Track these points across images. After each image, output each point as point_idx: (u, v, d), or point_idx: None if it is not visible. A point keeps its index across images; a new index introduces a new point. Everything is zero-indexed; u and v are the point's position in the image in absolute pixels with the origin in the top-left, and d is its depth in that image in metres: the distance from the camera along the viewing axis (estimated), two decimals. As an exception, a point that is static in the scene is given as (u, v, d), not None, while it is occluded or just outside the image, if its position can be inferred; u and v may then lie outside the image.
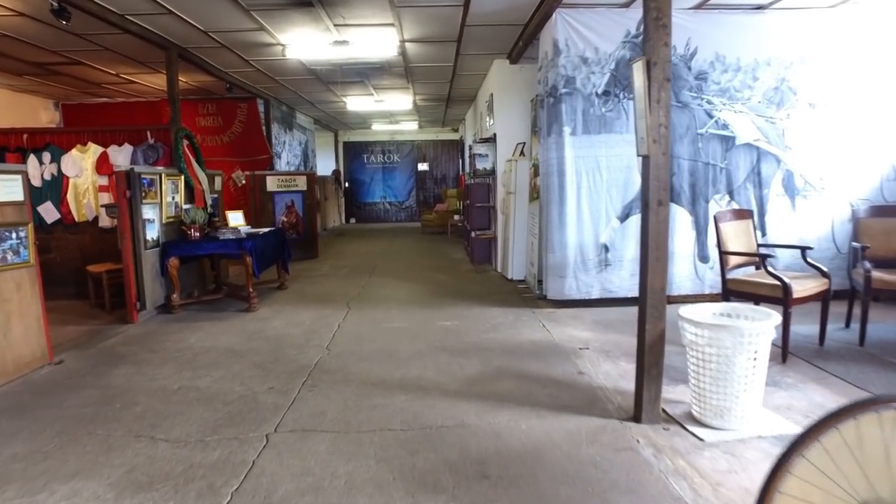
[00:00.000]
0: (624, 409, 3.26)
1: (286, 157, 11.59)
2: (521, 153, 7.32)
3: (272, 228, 6.80)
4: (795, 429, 2.59)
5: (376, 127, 16.07)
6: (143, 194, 5.51)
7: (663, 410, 3.16)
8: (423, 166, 18.01)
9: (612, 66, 5.53)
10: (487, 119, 8.87)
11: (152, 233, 5.68)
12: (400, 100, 11.03)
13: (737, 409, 2.90)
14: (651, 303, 3.04)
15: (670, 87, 2.96)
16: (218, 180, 7.70)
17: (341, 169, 17.86)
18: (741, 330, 2.82)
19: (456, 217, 12.86)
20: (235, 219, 6.11)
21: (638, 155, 3.07)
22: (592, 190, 5.63)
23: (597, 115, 5.58)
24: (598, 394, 3.51)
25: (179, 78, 8.36)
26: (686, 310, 3.12)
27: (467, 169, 13.57)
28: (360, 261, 9.54)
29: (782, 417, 3.06)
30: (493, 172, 7.93)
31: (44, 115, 9.70)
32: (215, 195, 7.49)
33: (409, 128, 16.55)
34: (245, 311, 5.92)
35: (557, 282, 5.71)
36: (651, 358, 3.04)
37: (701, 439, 2.85)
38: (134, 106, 10.07)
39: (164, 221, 5.90)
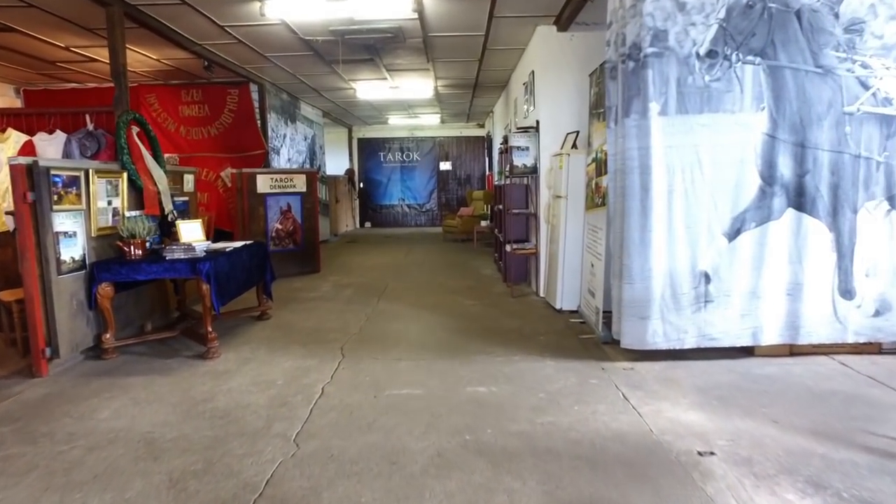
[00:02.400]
0: None
1: (287, 152, 10.03)
2: (574, 145, 5.62)
3: (248, 243, 5.21)
4: None
5: (394, 121, 14.48)
6: (57, 198, 3.95)
7: None
8: (445, 165, 16.37)
9: (722, 13, 3.80)
10: (525, 106, 7.18)
11: (73, 251, 4.12)
12: (419, 85, 9.39)
13: None
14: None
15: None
16: (189, 179, 6.13)
17: (356, 168, 16.31)
18: None
19: (483, 223, 11.18)
20: (190, 232, 4.52)
21: None
22: (689, 195, 3.91)
23: (697, 87, 3.86)
24: None
25: (150, 55, 6.89)
26: None
27: (495, 167, 11.90)
28: (369, 277, 7.91)
29: None
30: (534, 171, 6.23)
31: (2, 101, 8.29)
32: (184, 198, 5.93)
33: (429, 122, 14.92)
34: (202, 357, 4.34)
35: (636, 324, 4.00)
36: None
37: None
38: (107, 92, 8.56)
39: (93, 234, 4.34)
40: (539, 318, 5.41)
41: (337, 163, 15.70)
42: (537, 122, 6.20)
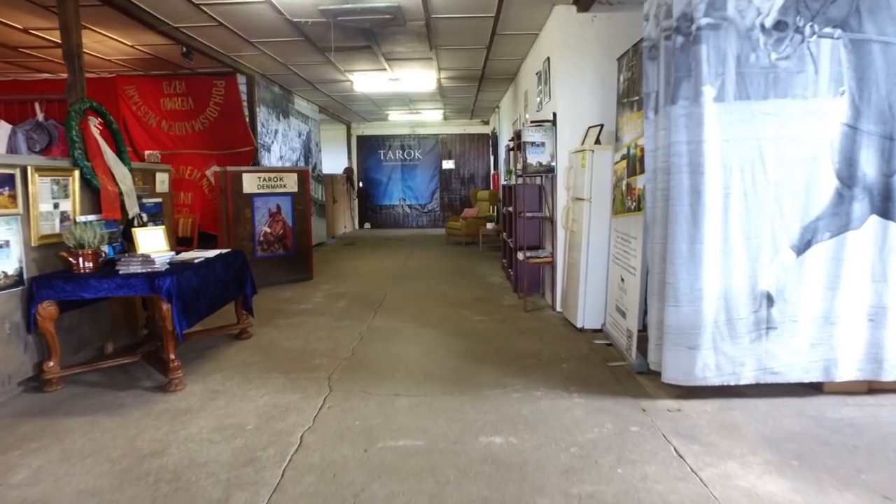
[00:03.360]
0: None
1: (279, 149, 9.34)
2: (598, 140, 4.92)
3: (223, 252, 4.52)
4: None
5: (394, 117, 13.77)
6: (-17, 201, 3.27)
7: None
8: (448, 164, 15.67)
9: (792, -23, 3.10)
10: (538, 98, 6.48)
11: (5, 264, 3.43)
12: (420, 77, 8.69)
13: None
14: None
15: None
16: (163, 178, 5.46)
17: (354, 167, 15.62)
18: None
19: (489, 225, 10.48)
20: (150, 241, 3.82)
21: None
22: (750, 199, 3.21)
23: (761, 67, 3.15)
24: None
25: (123, 40, 6.21)
26: None
27: (502, 166, 11.20)
28: (365, 285, 7.23)
29: None
30: (550, 170, 5.53)
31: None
32: (156, 200, 5.26)
33: (432, 118, 14.22)
34: (163, 389, 3.65)
35: (682, 355, 3.30)
36: None
37: None
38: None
39: (33, 244, 3.66)
40: (558, 339, 4.72)
41: (335, 161, 15.02)
42: (554, 115, 5.50)
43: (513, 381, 3.72)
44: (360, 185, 15.71)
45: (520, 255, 5.88)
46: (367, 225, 15.88)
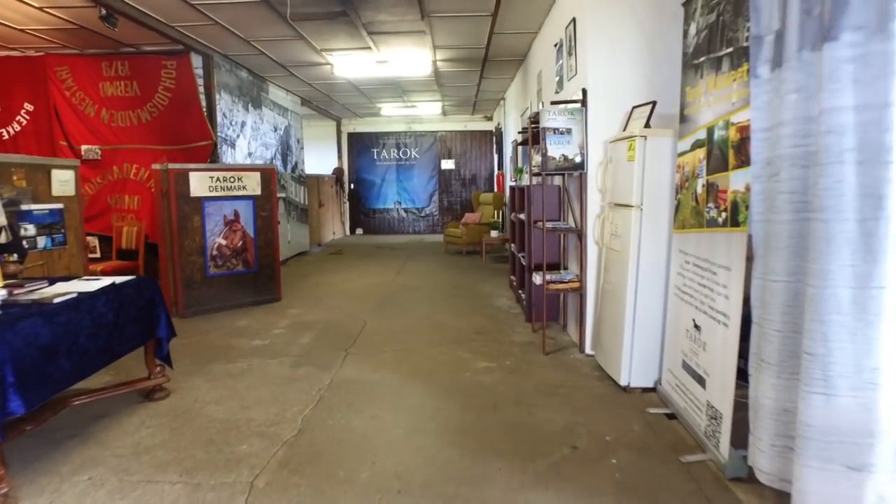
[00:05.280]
0: None
1: (247, 145, 7.96)
2: (648, 123, 3.53)
3: (115, 282, 3.15)
4: None
5: (388, 111, 12.38)
6: None
7: None
8: (447, 164, 14.27)
9: None
10: (558, 76, 5.10)
11: None
12: (412, 59, 7.33)
13: None
14: None
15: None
16: (63, 176, 4.11)
17: (345, 167, 14.25)
18: None
19: (493, 233, 9.08)
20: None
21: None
22: (962, 207, 1.82)
23: None
24: None
25: (29, 2, 4.86)
26: None
27: (507, 165, 9.82)
28: (343, 310, 5.85)
29: None
30: (578, 166, 4.14)
31: None
32: (53, 206, 3.91)
33: (429, 112, 12.84)
34: (-21, 513, 2.28)
35: (835, 478, 1.90)
36: None
37: None
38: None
39: None
40: (595, 404, 3.33)
41: (324, 161, 13.67)
42: (583, 94, 4.12)
43: (539, 496, 2.34)
44: (352, 186, 14.34)
45: (536, 279, 4.49)
46: (360, 230, 14.50)
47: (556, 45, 5.15)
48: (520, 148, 7.85)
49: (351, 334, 4.92)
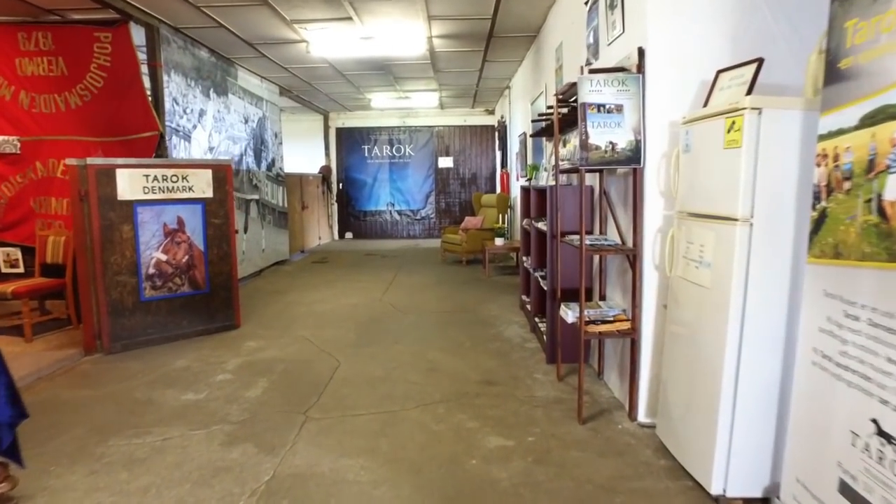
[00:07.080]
0: None
1: (208, 138, 6.70)
2: (750, 90, 2.30)
3: None
4: None
5: (379, 103, 11.13)
6: None
7: None
8: (445, 162, 13.03)
9: None
10: (593, 38, 3.87)
11: None
12: (402, 32, 6.10)
13: None
14: None
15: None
16: None
17: (333, 165, 13.02)
18: None
19: (498, 241, 7.85)
20: None
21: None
22: None
23: None
24: None
25: None
26: None
27: (513, 162, 8.60)
28: (313, 343, 4.63)
29: None
30: (634, 157, 2.91)
31: None
32: None
33: (425, 105, 11.62)
34: None
35: None
36: None
37: None
38: None
39: None
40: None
41: (310, 158, 12.44)
42: (640, 54, 2.89)
43: None
44: (340, 186, 13.10)
45: (567, 315, 3.26)
46: (349, 234, 13.26)
47: (586, 3, 3.92)
48: (530, 141, 6.63)
49: (317, 383, 3.70)
